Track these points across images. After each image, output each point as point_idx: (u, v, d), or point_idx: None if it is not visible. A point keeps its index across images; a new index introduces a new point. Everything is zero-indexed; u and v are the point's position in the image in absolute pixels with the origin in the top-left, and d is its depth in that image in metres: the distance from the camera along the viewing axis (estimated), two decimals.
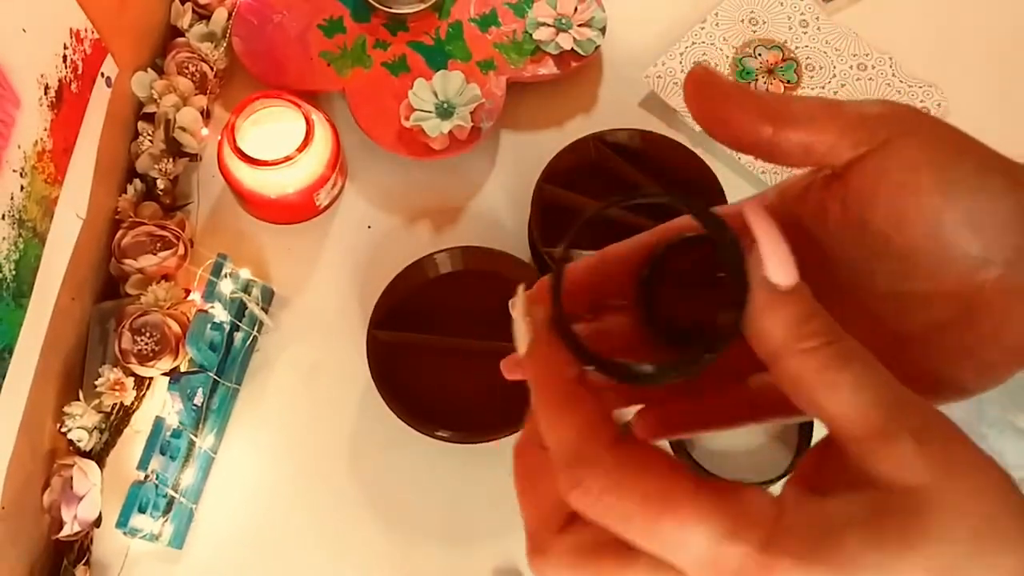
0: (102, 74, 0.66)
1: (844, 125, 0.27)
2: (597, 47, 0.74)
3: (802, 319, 0.24)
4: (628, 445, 0.24)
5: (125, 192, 0.71)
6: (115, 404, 0.65)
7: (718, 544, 0.22)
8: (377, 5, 0.74)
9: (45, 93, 0.58)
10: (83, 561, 0.62)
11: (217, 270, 0.65)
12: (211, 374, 0.64)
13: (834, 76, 0.78)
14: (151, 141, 0.71)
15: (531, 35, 0.74)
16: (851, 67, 0.78)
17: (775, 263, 0.25)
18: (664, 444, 0.66)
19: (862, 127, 0.27)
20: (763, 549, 0.22)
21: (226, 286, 0.65)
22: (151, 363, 0.65)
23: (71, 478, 0.62)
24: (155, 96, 0.72)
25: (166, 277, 0.69)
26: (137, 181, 0.71)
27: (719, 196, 0.66)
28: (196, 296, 0.67)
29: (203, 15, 0.76)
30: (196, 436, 0.64)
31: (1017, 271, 0.26)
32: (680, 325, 0.31)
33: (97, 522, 0.63)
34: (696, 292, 0.31)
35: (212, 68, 0.74)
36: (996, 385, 0.28)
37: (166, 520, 0.62)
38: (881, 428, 0.23)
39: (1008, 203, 0.26)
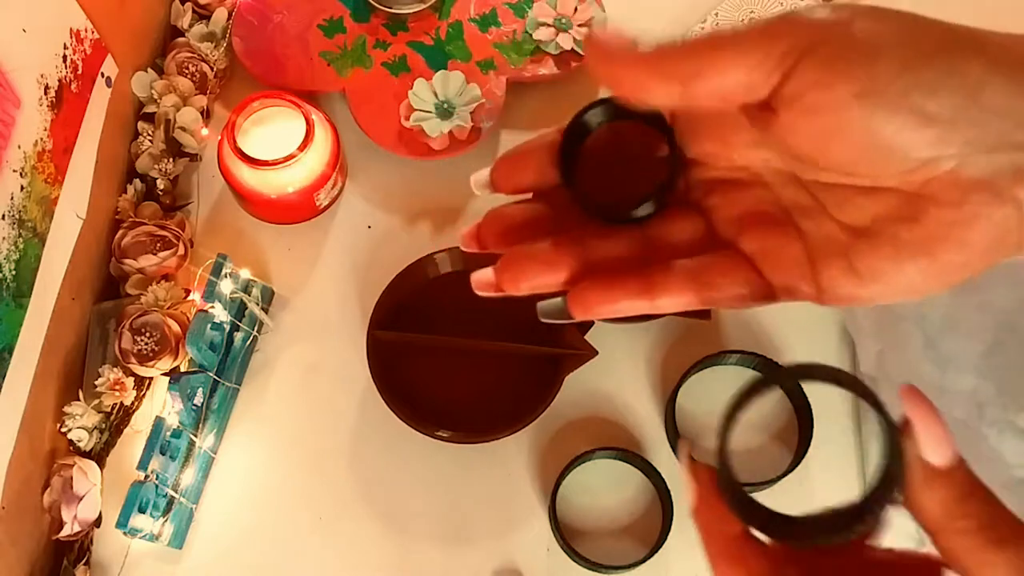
0: (102, 74, 0.66)
1: (751, 62, 0.26)
2: None
3: (958, 499, 0.25)
4: None
5: (125, 192, 0.71)
6: (115, 404, 0.65)
7: None
8: (377, 5, 0.74)
9: (45, 93, 0.58)
10: (83, 561, 0.62)
11: (217, 270, 0.65)
12: (211, 374, 0.64)
13: None
14: (151, 141, 0.71)
15: (531, 35, 0.74)
16: None
17: (932, 444, 0.25)
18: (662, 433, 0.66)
19: (768, 58, 0.25)
20: None
21: (226, 286, 0.65)
22: (151, 363, 0.65)
23: (71, 478, 0.62)
24: (155, 96, 0.72)
25: (166, 277, 0.69)
26: (137, 181, 0.71)
27: None
28: (196, 296, 0.67)
29: (203, 15, 0.76)
30: (196, 436, 0.64)
31: (968, 165, 0.25)
32: (602, 196, 0.32)
33: (97, 522, 0.63)
34: (611, 163, 0.31)
35: (212, 68, 0.74)
36: (946, 288, 0.27)
37: (166, 520, 0.62)
38: None
39: (949, 98, 0.24)
